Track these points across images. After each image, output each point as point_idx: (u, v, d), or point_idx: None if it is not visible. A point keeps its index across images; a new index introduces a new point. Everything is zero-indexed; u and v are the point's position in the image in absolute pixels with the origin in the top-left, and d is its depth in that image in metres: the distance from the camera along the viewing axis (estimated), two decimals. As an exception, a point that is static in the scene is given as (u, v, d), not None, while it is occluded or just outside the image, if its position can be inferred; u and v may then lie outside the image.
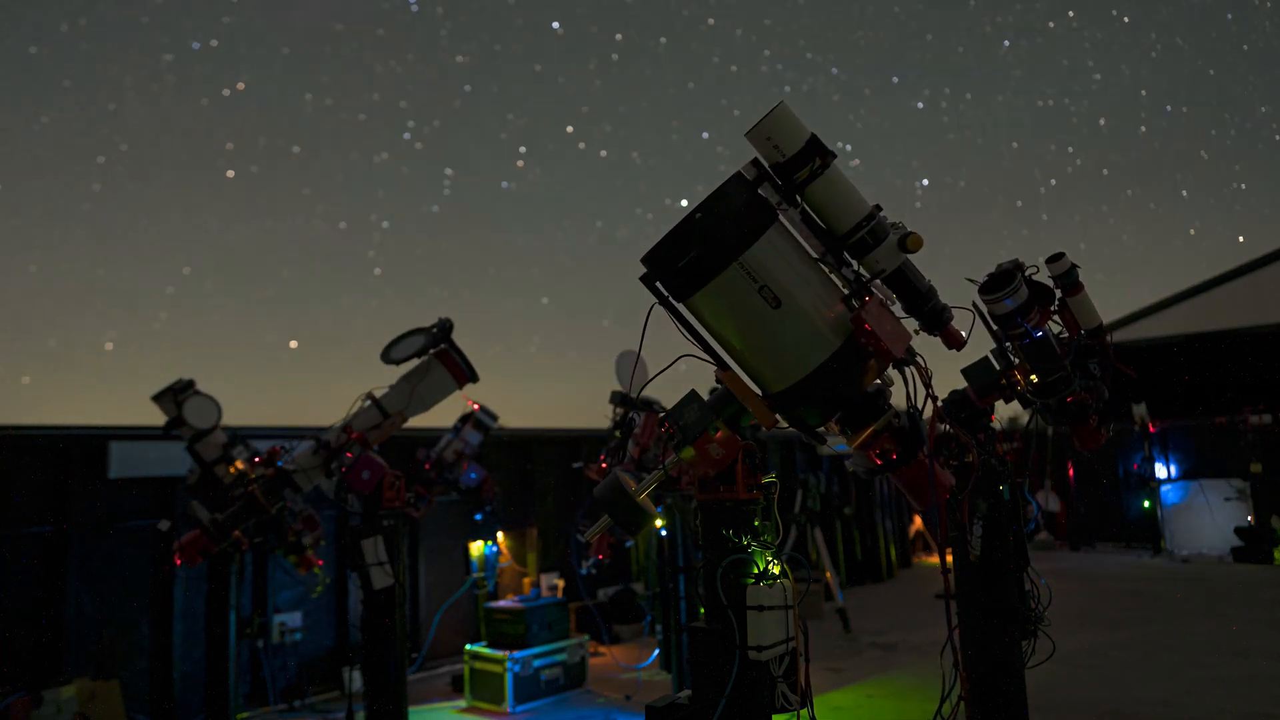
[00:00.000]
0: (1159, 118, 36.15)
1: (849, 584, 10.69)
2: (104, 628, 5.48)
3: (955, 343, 2.21)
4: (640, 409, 5.46)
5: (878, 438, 2.10)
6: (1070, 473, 12.98)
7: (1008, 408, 3.01)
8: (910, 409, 2.10)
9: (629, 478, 2.11)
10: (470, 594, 7.07)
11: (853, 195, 2.02)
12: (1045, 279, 3.06)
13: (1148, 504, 12.41)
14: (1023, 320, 2.70)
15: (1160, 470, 12.39)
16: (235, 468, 4.72)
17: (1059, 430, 3.74)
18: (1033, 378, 2.81)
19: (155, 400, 4.82)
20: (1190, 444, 12.60)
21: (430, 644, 7.03)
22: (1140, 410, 12.02)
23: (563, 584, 7.02)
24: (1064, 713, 5.12)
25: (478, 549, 6.75)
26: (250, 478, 4.55)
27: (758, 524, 2.03)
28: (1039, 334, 2.75)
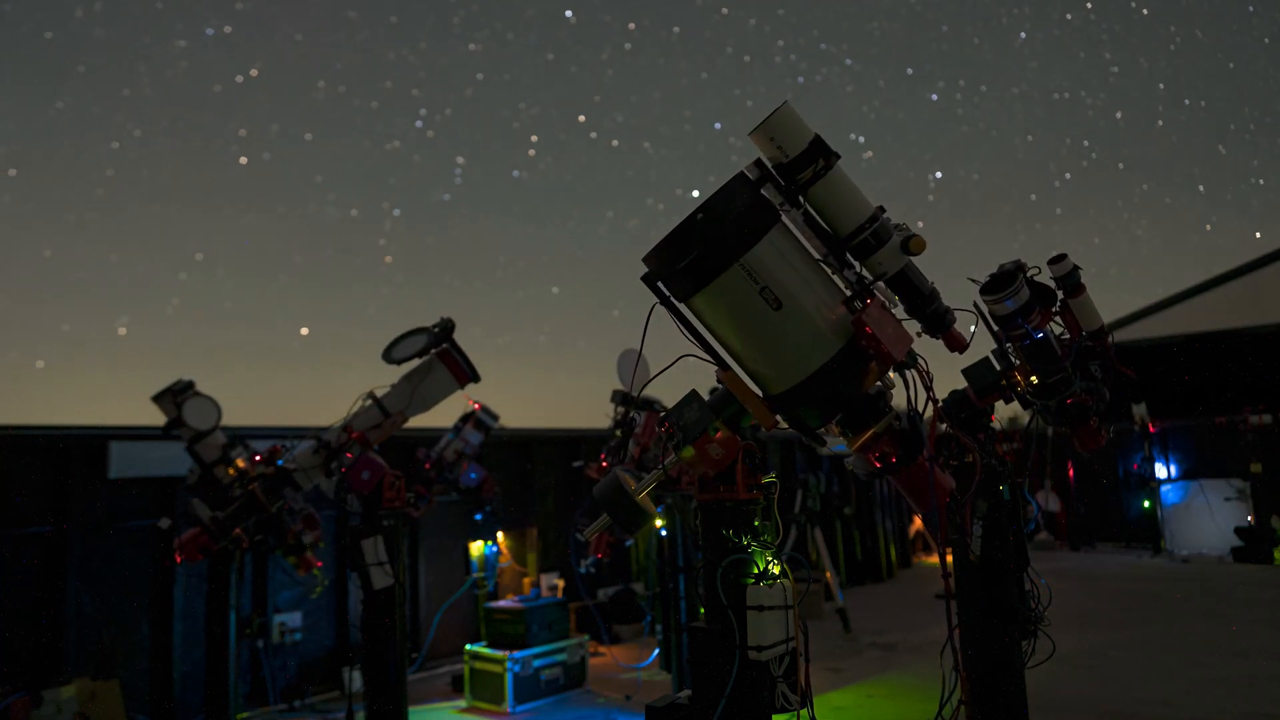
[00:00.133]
0: (1177, 111, 35.49)
1: (849, 584, 10.69)
2: (104, 628, 5.48)
3: (958, 345, 2.20)
4: (641, 408, 5.46)
5: (878, 440, 2.09)
6: (1070, 473, 12.98)
7: (1008, 408, 3.02)
8: (911, 412, 2.09)
9: (629, 477, 2.10)
10: (470, 594, 7.07)
11: (856, 197, 2.01)
12: (1047, 280, 3.06)
13: (1148, 504, 12.41)
14: (1024, 321, 2.70)
15: (1160, 470, 12.39)
16: (237, 466, 4.73)
17: (1059, 430, 3.74)
18: (1033, 379, 2.81)
19: (155, 401, 4.83)
20: (1190, 444, 12.60)
21: (430, 644, 7.03)
22: (1140, 410, 12.02)
23: (563, 584, 7.02)
24: (1064, 713, 5.12)
25: (478, 549, 6.75)
26: (251, 476, 4.56)
27: (758, 524, 2.03)
28: (1040, 335, 2.75)
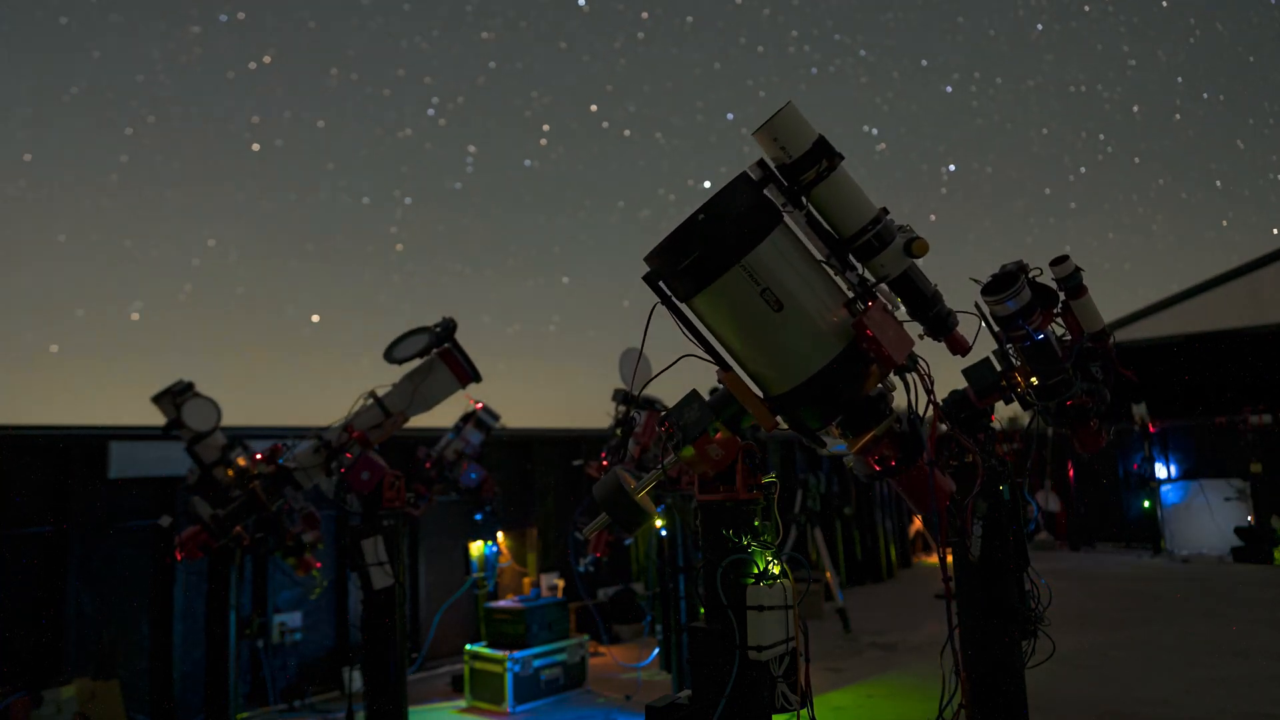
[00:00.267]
0: (1195, 105, 35.04)
1: (849, 584, 10.69)
2: (104, 628, 5.48)
3: (960, 349, 2.20)
4: (642, 408, 5.47)
5: (878, 443, 2.08)
6: (1070, 473, 12.97)
7: (1008, 408, 3.01)
8: (911, 415, 2.08)
9: (629, 476, 2.10)
10: (470, 594, 7.07)
11: (859, 198, 2.00)
12: (1049, 281, 3.05)
13: (1148, 504, 12.41)
14: (1025, 322, 2.70)
15: (1160, 470, 12.38)
16: (237, 465, 4.73)
17: (1059, 430, 3.74)
18: (1033, 380, 2.81)
19: (154, 402, 4.83)
20: (1190, 444, 12.60)
21: (430, 644, 7.03)
22: (1140, 410, 12.02)
23: (563, 584, 7.02)
24: (1064, 713, 5.12)
25: (478, 549, 6.75)
26: (252, 474, 4.56)
27: (758, 524, 2.03)
28: (1040, 336, 2.75)
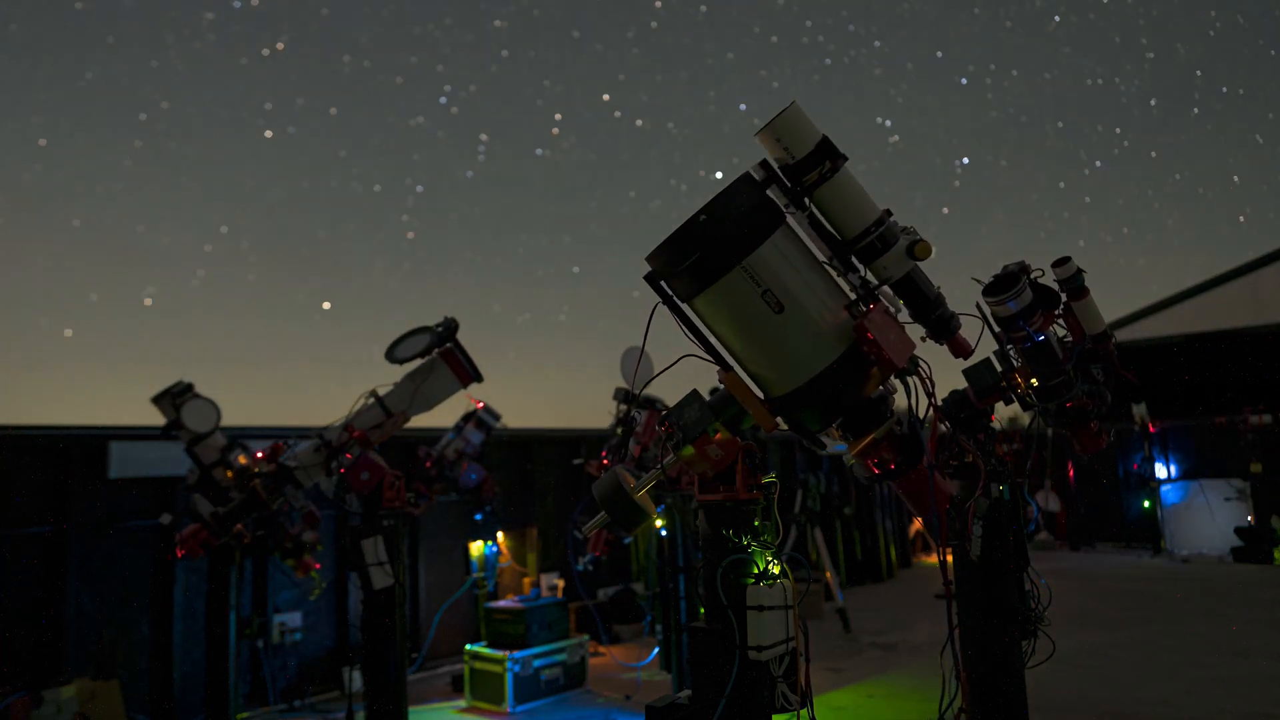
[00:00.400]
0: (1214, 99, 34.56)
1: (849, 584, 10.69)
2: (104, 628, 5.48)
3: (963, 351, 2.19)
4: (643, 407, 5.46)
5: (877, 446, 2.08)
6: (1070, 473, 12.96)
7: (1008, 408, 3.01)
8: (911, 419, 2.08)
9: (628, 475, 2.10)
10: (470, 594, 7.07)
11: (863, 200, 1.99)
12: (1051, 282, 3.05)
13: (1148, 504, 12.40)
14: (1025, 324, 2.69)
15: (1160, 470, 12.38)
16: (239, 462, 4.73)
17: (1059, 431, 3.74)
18: (1033, 381, 2.80)
19: (154, 403, 4.83)
20: (1190, 444, 12.60)
21: (430, 644, 7.03)
22: (1140, 410, 12.01)
23: (563, 584, 7.02)
24: (1064, 713, 5.12)
25: (478, 549, 6.75)
26: (253, 472, 4.56)
27: (758, 524, 2.03)
28: (1041, 338, 2.74)
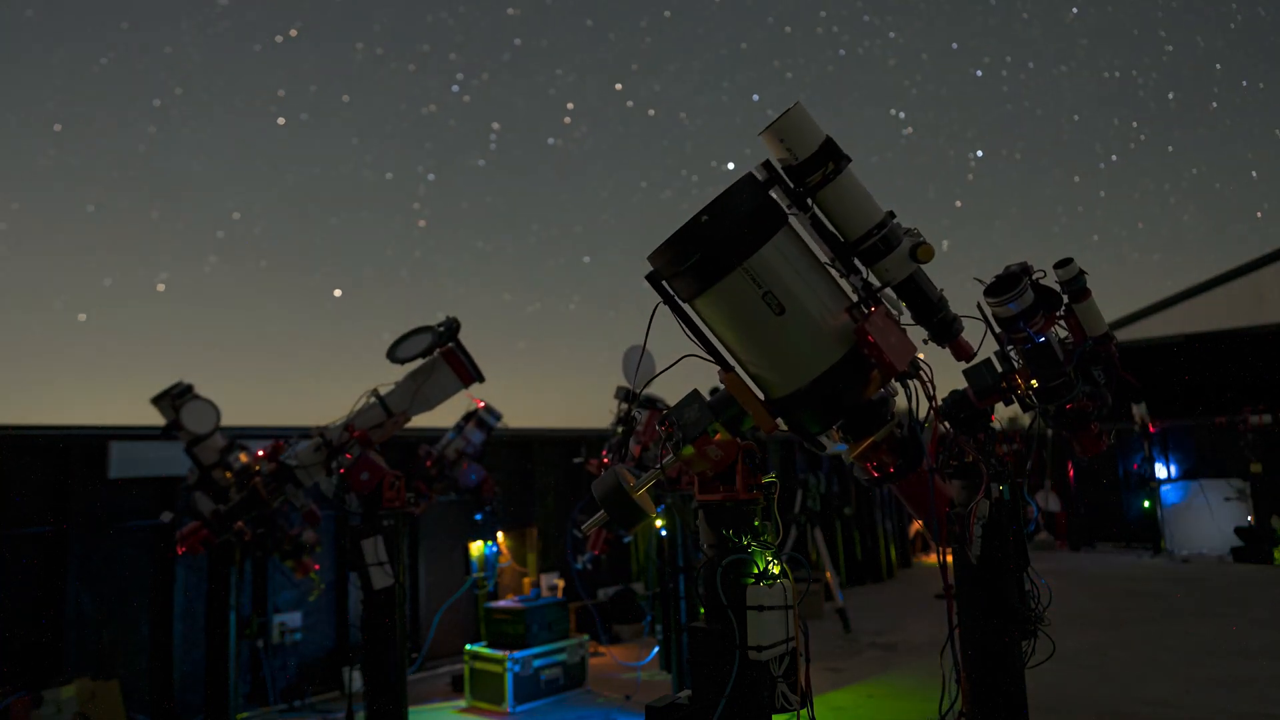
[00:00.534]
0: (1233, 93, 34.19)
1: (849, 584, 10.69)
2: (104, 628, 5.48)
3: (965, 355, 2.18)
4: (643, 407, 5.46)
5: (877, 449, 2.07)
6: (1070, 473, 12.95)
7: (1008, 409, 3.01)
8: (911, 422, 2.07)
9: (628, 474, 2.10)
10: (470, 594, 7.07)
11: (866, 201, 1.99)
12: (1052, 283, 3.05)
13: (1148, 504, 12.40)
14: (1026, 325, 2.69)
15: (1160, 470, 12.37)
16: (240, 461, 4.73)
17: (1059, 431, 3.74)
18: (1034, 382, 2.80)
19: (154, 403, 4.83)
20: (1190, 444, 12.60)
21: (430, 644, 7.02)
22: (1140, 410, 12.01)
23: (563, 584, 7.02)
24: (1064, 713, 5.12)
25: (478, 549, 6.75)
26: (254, 471, 4.56)
27: (758, 524, 2.02)
28: (1041, 339, 2.74)
